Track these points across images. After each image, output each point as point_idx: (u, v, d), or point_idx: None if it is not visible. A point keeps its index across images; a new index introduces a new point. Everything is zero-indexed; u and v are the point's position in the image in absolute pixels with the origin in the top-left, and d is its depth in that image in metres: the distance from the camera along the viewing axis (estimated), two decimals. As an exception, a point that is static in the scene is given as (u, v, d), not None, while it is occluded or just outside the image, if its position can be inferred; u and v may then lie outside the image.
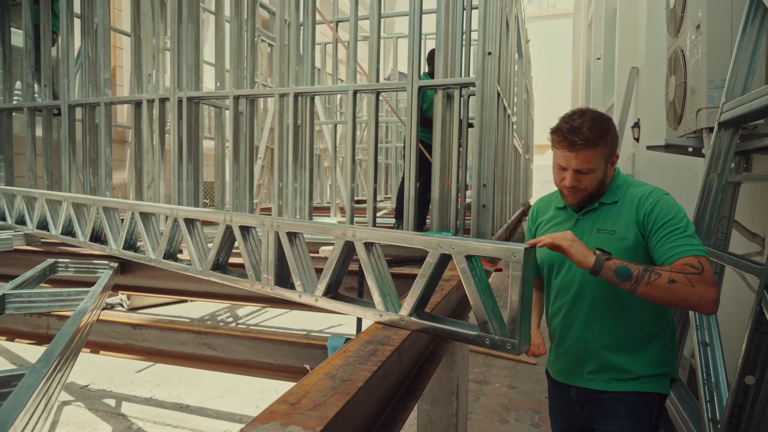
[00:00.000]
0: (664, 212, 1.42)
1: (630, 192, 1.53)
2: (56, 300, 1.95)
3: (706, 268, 1.31)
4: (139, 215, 2.42)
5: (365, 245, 1.55)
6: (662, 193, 1.48)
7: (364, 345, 1.34)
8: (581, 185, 1.51)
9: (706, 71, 2.55)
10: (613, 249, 1.44)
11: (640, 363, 1.50)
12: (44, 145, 4.45)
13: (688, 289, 1.27)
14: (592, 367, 1.56)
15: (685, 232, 1.38)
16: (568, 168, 1.50)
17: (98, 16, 4.15)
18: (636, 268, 1.34)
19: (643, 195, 1.49)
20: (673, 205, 1.45)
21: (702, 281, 1.27)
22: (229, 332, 1.98)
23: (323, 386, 1.07)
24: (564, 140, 1.48)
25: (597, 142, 1.46)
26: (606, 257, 1.37)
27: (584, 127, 1.45)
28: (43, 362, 1.07)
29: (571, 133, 1.47)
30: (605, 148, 1.48)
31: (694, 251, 1.34)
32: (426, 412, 2.43)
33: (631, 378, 1.51)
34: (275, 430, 0.88)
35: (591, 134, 1.45)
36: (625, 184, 1.57)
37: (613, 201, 1.54)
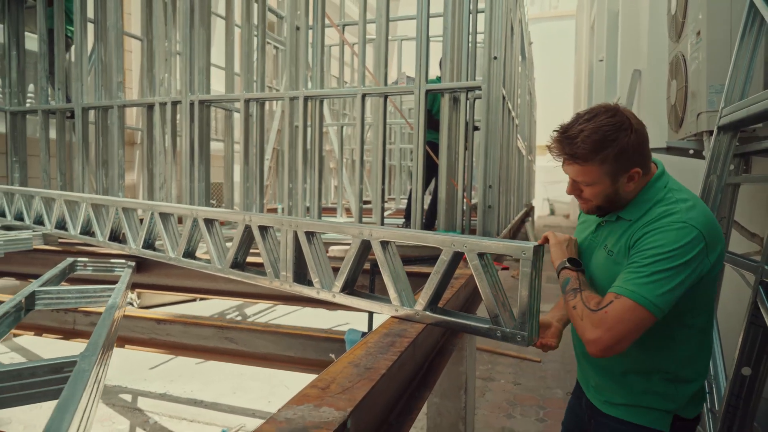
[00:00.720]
0: (649, 245, 1.23)
1: (650, 212, 1.30)
2: (83, 296, 2.04)
3: (610, 309, 1.18)
4: (158, 215, 2.51)
5: (381, 243, 1.63)
6: (674, 223, 1.23)
7: (382, 337, 1.42)
8: (584, 195, 1.36)
9: (706, 76, 2.63)
10: (608, 270, 1.36)
11: (628, 392, 1.39)
12: (58, 147, 4.55)
13: (577, 320, 1.25)
14: (593, 382, 1.51)
15: (643, 270, 1.20)
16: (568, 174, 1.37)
17: (111, 20, 4.24)
18: (572, 285, 1.30)
19: (653, 219, 1.27)
20: (671, 240, 1.20)
21: (589, 318, 1.20)
22: (249, 327, 2.06)
23: (349, 373, 1.15)
24: (556, 146, 1.34)
25: (588, 159, 1.27)
26: (566, 266, 1.35)
27: (579, 138, 1.27)
28: (90, 350, 1.16)
29: (563, 143, 1.32)
30: (605, 165, 1.27)
31: (621, 290, 1.20)
32: (436, 406, 2.52)
33: (622, 404, 1.40)
34: (309, 410, 0.97)
35: (583, 148, 1.26)
36: (653, 201, 1.32)
37: (629, 219, 1.34)
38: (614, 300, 1.19)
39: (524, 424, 3.06)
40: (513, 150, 4.80)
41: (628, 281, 1.21)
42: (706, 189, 2.17)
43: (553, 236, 1.44)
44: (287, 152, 3.80)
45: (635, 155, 1.28)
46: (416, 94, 3.23)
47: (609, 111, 1.29)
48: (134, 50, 7.03)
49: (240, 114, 3.88)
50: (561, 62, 22.63)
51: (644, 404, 1.37)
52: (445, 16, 3.20)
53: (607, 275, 1.34)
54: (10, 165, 4.76)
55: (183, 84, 3.93)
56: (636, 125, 1.29)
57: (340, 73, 6.97)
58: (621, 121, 1.26)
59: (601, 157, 1.26)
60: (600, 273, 1.39)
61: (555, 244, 1.43)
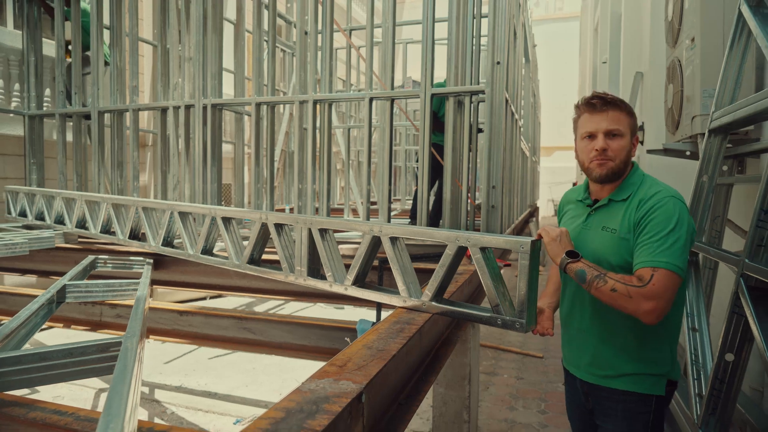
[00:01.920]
0: (656, 219, 1.41)
1: (639, 192, 1.51)
2: (109, 290, 2.18)
3: (655, 281, 1.33)
4: (177, 214, 2.64)
5: (390, 239, 1.76)
6: (667, 197, 1.45)
7: (392, 324, 1.55)
8: (610, 151, 1.50)
9: (700, 81, 2.74)
10: (614, 247, 1.48)
11: (633, 360, 1.51)
12: (74, 150, 4.70)
13: (625, 299, 1.34)
14: (589, 359, 1.58)
15: (663, 241, 1.38)
16: (597, 133, 1.51)
17: (127, 27, 4.38)
18: (591, 273, 1.40)
19: (648, 197, 1.47)
20: (671, 211, 1.42)
21: (640, 294, 1.33)
22: (266, 317, 2.19)
23: (363, 354, 1.28)
24: (593, 100, 1.52)
25: (624, 106, 1.52)
26: (569, 260, 1.44)
27: (609, 95, 1.54)
28: (131, 333, 1.29)
29: (601, 95, 1.53)
30: (630, 117, 1.52)
31: (655, 262, 1.36)
32: (441, 395, 2.64)
33: (623, 375, 1.52)
34: (330, 383, 1.10)
35: (619, 100, 1.53)
36: (637, 182, 1.54)
37: (622, 199, 1.53)
38: (654, 273, 1.34)
39: (526, 416, 3.17)
40: (516, 151, 4.91)
41: (657, 254, 1.37)
42: (698, 189, 2.28)
43: (546, 233, 1.53)
44: (297, 154, 3.93)
45: (636, 123, 1.56)
46: (422, 98, 3.35)
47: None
48: (146, 54, 7.18)
49: (251, 117, 4.00)
50: (566, 63, 22.69)
51: (643, 371, 1.50)
52: (449, 22, 3.33)
53: (614, 251, 1.49)
54: (28, 167, 4.91)
55: (196, 88, 4.06)
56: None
57: (347, 76, 7.11)
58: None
59: (628, 109, 1.53)
60: (606, 250, 1.51)
61: (550, 242, 1.52)
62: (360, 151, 9.35)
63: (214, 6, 4.04)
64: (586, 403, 1.67)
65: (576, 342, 1.64)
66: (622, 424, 1.53)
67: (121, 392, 0.90)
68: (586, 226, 1.60)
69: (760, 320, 1.46)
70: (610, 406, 1.56)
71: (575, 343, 1.65)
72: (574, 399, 1.73)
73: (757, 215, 1.54)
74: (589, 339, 1.58)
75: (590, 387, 1.60)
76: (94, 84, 4.56)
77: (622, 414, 1.53)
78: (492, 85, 3.26)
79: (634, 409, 1.52)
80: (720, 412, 1.64)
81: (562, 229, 1.54)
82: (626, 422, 1.53)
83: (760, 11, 2.03)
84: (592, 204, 1.61)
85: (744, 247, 1.60)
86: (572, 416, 1.80)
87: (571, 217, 1.69)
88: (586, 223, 1.60)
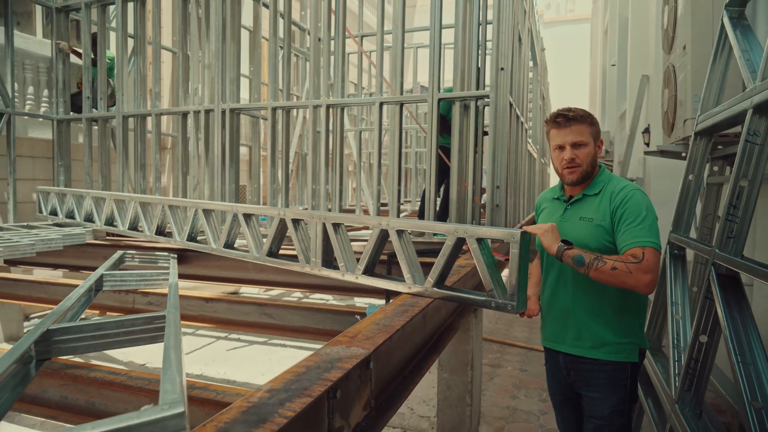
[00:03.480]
0: (630, 207, 1.65)
1: (609, 186, 1.75)
2: (143, 279, 2.39)
3: (647, 257, 1.54)
4: (201, 212, 2.86)
5: (397, 232, 1.95)
6: (633, 190, 1.71)
7: (398, 306, 1.74)
8: (578, 160, 1.74)
9: (691, 86, 2.90)
10: (591, 232, 1.71)
11: (614, 331, 1.71)
12: (100, 152, 4.95)
13: (627, 274, 1.54)
14: (574, 333, 1.76)
15: (642, 225, 1.61)
16: (564, 145, 1.74)
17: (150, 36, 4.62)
18: (588, 257, 1.59)
19: (618, 190, 1.72)
20: (640, 200, 1.67)
21: (638, 269, 1.53)
22: (285, 304, 2.38)
23: (371, 328, 1.47)
24: (558, 117, 1.75)
25: (585, 119, 1.75)
26: (566, 247, 1.63)
27: (573, 109, 1.77)
28: (172, 308, 1.49)
29: (563, 111, 1.76)
30: (592, 127, 1.76)
31: (642, 242, 1.58)
32: (445, 380, 2.82)
33: (606, 344, 1.71)
34: (342, 349, 1.29)
35: (579, 112, 1.76)
36: (606, 180, 1.79)
37: (594, 193, 1.77)
38: (644, 251, 1.56)
39: (527, 404, 3.34)
40: (522, 153, 5.07)
41: (641, 235, 1.60)
42: (685, 187, 2.44)
43: (537, 228, 1.73)
44: (310, 156, 4.14)
45: (599, 130, 1.81)
46: (429, 103, 3.53)
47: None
48: (165, 61, 7.45)
49: (267, 121, 4.21)
50: (577, 65, 22.72)
51: (621, 340, 1.71)
52: (455, 30, 3.51)
53: (592, 236, 1.71)
54: (56, 168, 5.18)
55: (215, 93, 4.28)
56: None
57: (359, 79, 7.32)
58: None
59: (590, 119, 1.76)
60: (585, 236, 1.72)
61: (543, 233, 1.71)
62: (371, 153, 9.55)
63: (232, 15, 4.27)
64: (567, 378, 1.84)
65: (560, 320, 1.82)
66: (605, 390, 1.73)
67: (175, 350, 1.10)
68: (564, 218, 1.81)
69: (726, 305, 1.62)
70: (593, 376, 1.76)
71: (559, 322, 1.83)
72: (556, 376, 1.92)
73: (726, 209, 1.70)
74: (574, 316, 1.77)
75: (573, 360, 1.79)
76: (118, 90, 4.81)
77: (605, 382, 1.74)
78: (496, 90, 3.43)
79: (615, 376, 1.73)
80: (695, 388, 1.80)
81: (551, 224, 1.73)
82: (609, 388, 1.73)
83: (740, 23, 2.20)
84: (568, 200, 1.83)
85: (714, 239, 1.77)
86: (554, 393, 1.98)
87: (549, 213, 1.90)
88: (563, 216, 1.82)
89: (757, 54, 1.89)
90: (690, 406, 1.79)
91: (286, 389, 1.03)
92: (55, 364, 1.44)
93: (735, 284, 1.67)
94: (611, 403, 1.73)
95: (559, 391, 1.94)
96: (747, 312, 1.57)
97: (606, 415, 1.74)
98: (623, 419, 1.74)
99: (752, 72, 1.79)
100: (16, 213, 4.86)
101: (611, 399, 1.73)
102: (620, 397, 1.73)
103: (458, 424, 2.75)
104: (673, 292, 2.26)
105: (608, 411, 1.74)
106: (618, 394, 1.73)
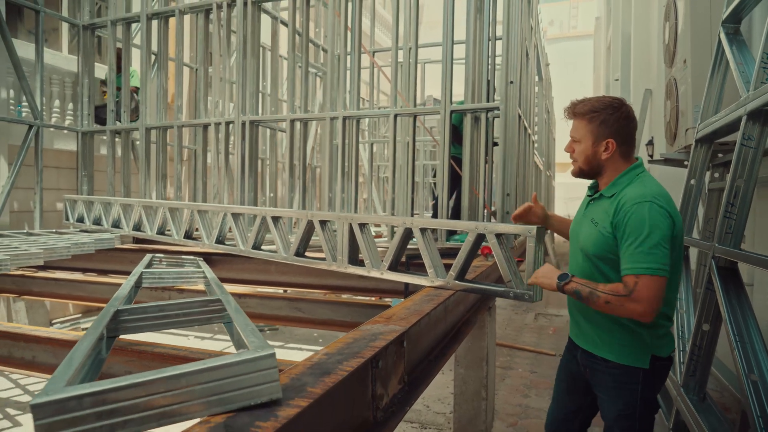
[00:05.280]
0: (631, 225, 1.53)
1: (623, 192, 1.61)
2: (179, 277, 2.54)
3: (639, 287, 1.46)
4: (231, 216, 3.03)
5: (421, 230, 2.11)
6: (637, 204, 1.54)
7: (424, 296, 1.90)
8: (574, 154, 1.71)
9: (691, 97, 3.07)
10: (593, 238, 1.65)
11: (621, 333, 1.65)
12: (123, 163, 5.15)
13: (619, 307, 1.49)
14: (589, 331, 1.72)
15: (641, 248, 1.49)
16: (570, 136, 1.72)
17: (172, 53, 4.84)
18: (585, 290, 1.55)
19: (625, 202, 1.58)
20: (642, 217, 1.52)
21: (629, 301, 1.47)
22: (314, 299, 2.54)
23: (403, 312, 1.63)
24: (565, 112, 1.73)
25: (583, 115, 1.66)
26: (564, 283, 1.60)
27: (581, 102, 1.68)
28: (222, 294, 1.65)
29: (571, 104, 1.70)
30: (591, 124, 1.65)
31: (636, 270, 1.48)
32: (461, 375, 2.95)
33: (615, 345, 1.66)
34: (381, 327, 1.45)
35: (581, 108, 1.66)
36: (625, 183, 1.65)
37: (610, 195, 1.66)
38: (638, 280, 1.47)
39: (539, 402, 3.46)
40: (530, 164, 5.24)
41: (637, 261, 1.49)
42: (687, 191, 2.60)
43: (534, 278, 1.71)
44: (327, 165, 4.32)
45: (614, 130, 1.65)
46: (442, 115, 3.71)
47: (615, 98, 1.69)
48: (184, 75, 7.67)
49: (286, 132, 4.39)
50: (580, 79, 23.00)
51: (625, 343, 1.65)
52: (467, 45, 3.71)
53: (593, 241, 1.65)
54: (79, 179, 5.37)
55: (236, 106, 4.48)
56: (626, 114, 1.66)
57: (370, 96, 7.55)
58: (614, 104, 1.66)
59: (589, 116, 1.66)
60: (588, 240, 1.68)
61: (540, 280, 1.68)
62: (379, 166, 9.76)
63: (252, 33, 4.48)
64: (584, 374, 1.80)
65: (579, 316, 1.80)
66: (613, 393, 1.69)
67: (244, 318, 1.26)
68: (584, 214, 1.77)
69: (726, 293, 1.77)
70: (602, 378, 1.71)
71: (579, 317, 1.81)
72: (568, 365, 1.89)
73: (725, 207, 1.86)
74: (587, 314, 1.74)
75: (588, 357, 1.74)
76: (142, 103, 5.03)
77: (612, 384, 1.69)
78: (506, 102, 3.61)
79: (621, 380, 1.66)
80: (699, 373, 1.94)
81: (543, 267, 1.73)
82: (616, 392, 1.68)
83: (736, 38, 2.37)
84: (592, 195, 1.78)
85: (714, 235, 1.92)
86: (560, 379, 1.93)
87: (582, 204, 1.85)
88: (585, 212, 1.78)
89: (751, 66, 2.06)
90: (694, 390, 1.93)
91: (340, 353, 1.19)
92: (120, 343, 1.60)
93: (734, 275, 1.82)
94: (617, 407, 1.68)
95: (565, 379, 1.91)
96: (745, 300, 1.72)
97: (612, 418, 1.70)
98: (632, 424, 1.66)
99: (746, 82, 1.96)
100: (41, 221, 5.05)
101: (617, 403, 1.68)
102: (627, 402, 1.66)
103: (474, 417, 2.88)
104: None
105: (614, 414, 1.69)
106: (624, 399, 1.66)
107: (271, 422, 0.82)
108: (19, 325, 1.89)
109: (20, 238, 3.71)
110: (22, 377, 4.15)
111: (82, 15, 5.41)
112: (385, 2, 15.81)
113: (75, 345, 1.09)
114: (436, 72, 3.79)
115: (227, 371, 0.86)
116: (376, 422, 1.29)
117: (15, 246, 3.17)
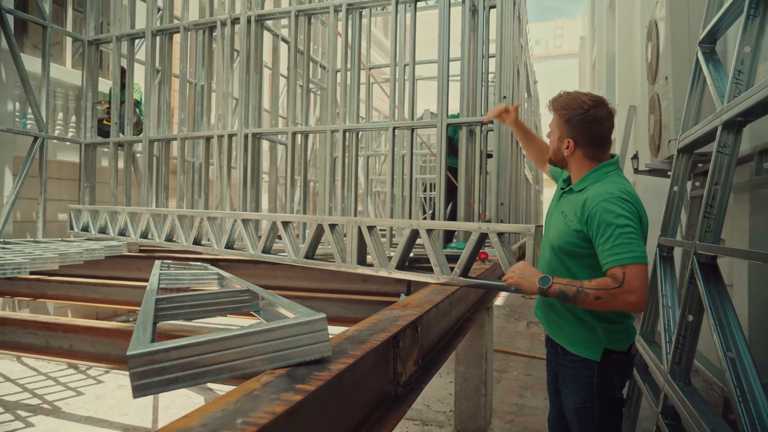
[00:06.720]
0: (599, 221, 1.54)
1: (591, 189, 1.64)
2: (195, 278, 2.67)
3: (628, 277, 1.45)
4: (240, 221, 3.17)
5: (427, 231, 2.28)
6: (603, 200, 1.56)
7: (432, 290, 2.05)
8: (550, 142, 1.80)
9: (673, 112, 3.30)
10: (562, 231, 1.67)
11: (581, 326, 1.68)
12: (125, 175, 5.27)
13: (612, 300, 1.47)
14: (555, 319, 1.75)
15: (617, 240, 1.50)
16: None
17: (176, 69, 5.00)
18: (571, 290, 1.53)
19: (593, 199, 1.59)
20: (607, 211, 1.54)
21: (622, 292, 1.45)
22: (325, 297, 2.68)
23: (417, 300, 1.79)
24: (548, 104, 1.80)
25: (556, 109, 1.72)
26: (548, 286, 1.57)
27: (561, 95, 1.74)
28: (249, 285, 1.79)
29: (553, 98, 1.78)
30: (560, 120, 1.70)
31: (620, 261, 1.48)
32: (462, 373, 3.10)
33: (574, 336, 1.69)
34: (399, 312, 1.60)
35: (557, 102, 1.73)
36: (594, 180, 1.67)
37: (579, 190, 1.69)
38: (625, 270, 1.47)
39: (534, 401, 3.61)
40: (521, 176, 5.46)
41: (618, 252, 1.49)
42: (670, 198, 2.80)
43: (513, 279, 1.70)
44: (327, 176, 4.48)
45: (576, 131, 1.68)
46: (438, 128, 3.91)
47: (591, 99, 1.69)
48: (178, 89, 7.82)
49: (287, 145, 4.56)
50: (566, 98, 23.46)
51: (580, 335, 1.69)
52: (461, 62, 3.93)
53: (560, 234, 1.69)
54: (81, 189, 5.48)
55: (238, 119, 4.64)
56: (593, 117, 1.65)
57: (366, 112, 7.74)
58: (584, 105, 1.67)
59: (560, 112, 1.71)
60: (556, 231, 1.71)
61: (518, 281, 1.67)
62: (372, 179, 9.94)
63: (255, 49, 4.67)
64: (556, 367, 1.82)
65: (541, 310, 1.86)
66: (572, 386, 1.72)
67: (280, 300, 1.41)
68: (556, 206, 1.79)
69: (707, 286, 1.95)
70: (564, 372, 1.75)
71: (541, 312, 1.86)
72: (551, 367, 1.91)
73: (704, 209, 2.05)
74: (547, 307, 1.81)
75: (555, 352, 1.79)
76: (145, 116, 5.17)
77: (571, 377, 1.72)
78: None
79: (580, 372, 1.69)
80: (684, 361, 2.12)
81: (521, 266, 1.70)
82: (575, 384, 1.70)
83: (712, 57, 2.60)
84: (564, 187, 1.79)
85: (696, 233, 2.11)
86: (548, 383, 1.96)
87: (555, 195, 1.87)
88: (556, 205, 1.80)
89: (725, 82, 2.28)
90: (680, 377, 2.10)
91: (369, 330, 1.34)
92: (159, 329, 1.74)
93: (714, 270, 2.00)
94: (575, 400, 1.70)
95: (552, 381, 1.93)
96: (723, 291, 1.90)
97: (572, 410, 1.72)
98: (592, 418, 1.67)
99: (721, 96, 2.17)
100: (45, 230, 5.13)
101: (576, 395, 1.70)
102: (585, 395, 1.68)
103: (474, 413, 3.02)
104: (663, 287, 2.59)
105: (572, 407, 1.71)
106: (583, 392, 1.68)
107: (326, 373, 0.97)
108: (57, 317, 2.02)
109: (30, 245, 3.81)
110: (29, 381, 4.21)
111: (86, 30, 5.56)
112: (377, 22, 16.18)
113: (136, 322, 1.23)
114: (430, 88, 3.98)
115: (286, 331, 1.01)
116: (396, 396, 1.43)
117: (29, 251, 3.28)
